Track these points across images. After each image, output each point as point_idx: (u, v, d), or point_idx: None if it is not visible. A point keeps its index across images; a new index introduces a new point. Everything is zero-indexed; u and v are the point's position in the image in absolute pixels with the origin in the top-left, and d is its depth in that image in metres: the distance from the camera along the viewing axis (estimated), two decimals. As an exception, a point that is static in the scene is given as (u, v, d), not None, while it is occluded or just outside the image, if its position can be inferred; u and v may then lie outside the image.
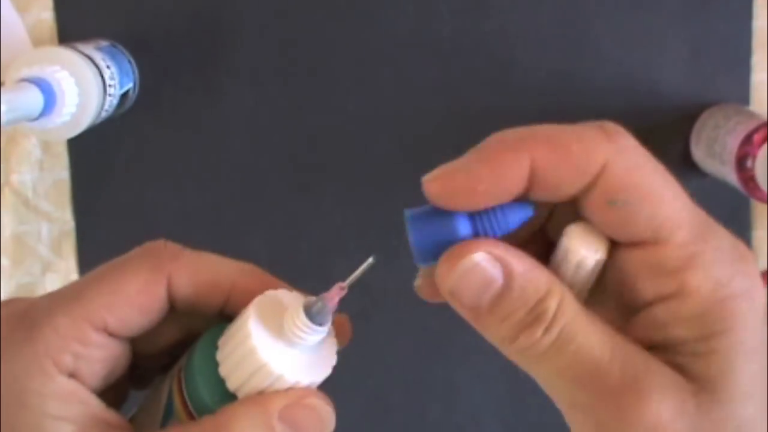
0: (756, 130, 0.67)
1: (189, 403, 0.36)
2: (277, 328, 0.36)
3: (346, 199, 0.78)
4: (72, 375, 0.35)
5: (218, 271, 0.38)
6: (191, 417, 0.36)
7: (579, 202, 0.34)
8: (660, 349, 0.32)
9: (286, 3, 0.76)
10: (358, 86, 0.77)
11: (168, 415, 0.37)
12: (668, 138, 0.77)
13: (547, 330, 0.32)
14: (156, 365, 0.41)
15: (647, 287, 0.33)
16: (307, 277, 0.40)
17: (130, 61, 0.74)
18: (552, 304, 0.32)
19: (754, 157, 0.66)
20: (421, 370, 0.79)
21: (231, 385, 0.35)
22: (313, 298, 0.36)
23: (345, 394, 0.37)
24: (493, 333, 0.33)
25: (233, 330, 0.36)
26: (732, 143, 0.68)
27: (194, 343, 0.38)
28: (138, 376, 0.40)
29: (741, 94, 0.77)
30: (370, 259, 0.36)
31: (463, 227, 0.33)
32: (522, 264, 0.33)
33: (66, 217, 0.79)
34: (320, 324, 0.36)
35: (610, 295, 0.35)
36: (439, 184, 0.34)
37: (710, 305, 0.32)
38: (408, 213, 0.34)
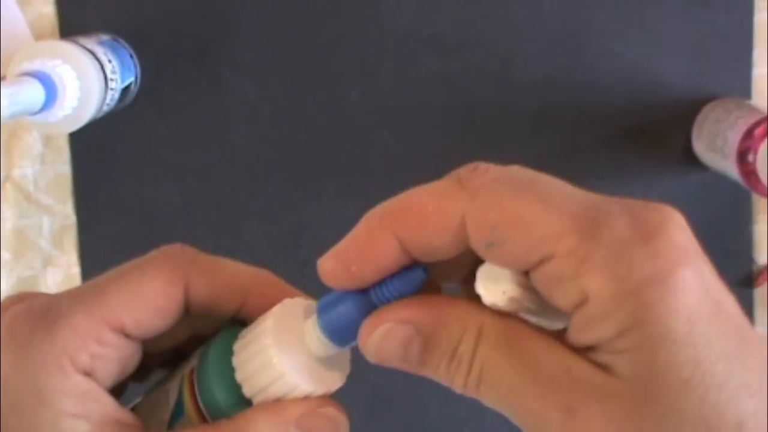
0: (757, 124, 0.67)
1: (202, 405, 0.37)
2: (296, 337, 0.36)
3: (348, 193, 0.78)
4: (88, 374, 0.36)
5: (235, 276, 0.39)
6: (203, 419, 0.37)
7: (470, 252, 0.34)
8: (590, 351, 0.31)
9: (287, -3, 0.76)
10: (360, 80, 0.77)
11: (177, 415, 0.38)
12: (669, 132, 0.77)
13: (469, 370, 0.32)
14: (158, 361, 0.41)
15: (559, 299, 0.32)
16: (308, 272, 0.40)
17: (131, 55, 0.74)
18: (469, 345, 0.32)
19: (756, 152, 0.66)
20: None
21: (247, 391, 0.36)
22: None
23: (345, 387, 0.38)
24: (436, 379, 0.34)
25: (251, 337, 0.36)
26: (733, 137, 0.68)
27: (207, 344, 0.38)
28: (138, 370, 0.40)
29: (742, 88, 0.77)
30: None
31: (359, 305, 0.34)
32: (430, 314, 0.33)
33: (67, 211, 0.79)
34: None
35: (549, 309, 0.34)
36: (326, 267, 0.35)
37: (617, 303, 0.30)
38: (317, 305, 0.36)
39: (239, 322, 0.39)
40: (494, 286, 0.33)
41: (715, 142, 0.71)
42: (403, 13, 0.77)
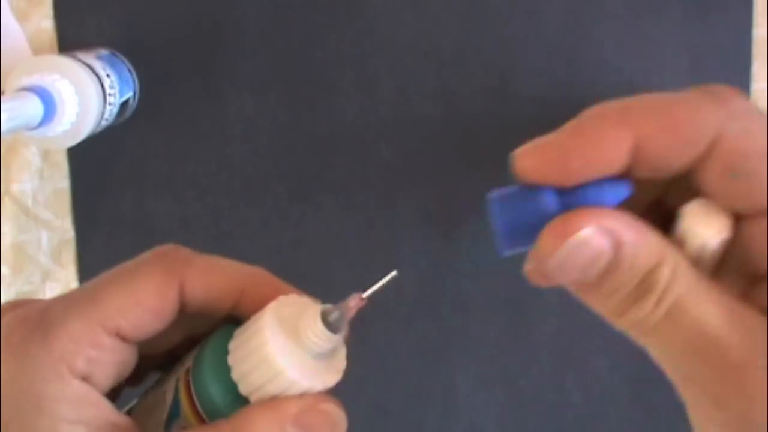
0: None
1: (198, 405, 0.37)
2: (292, 333, 0.36)
3: (346, 207, 0.78)
4: (85, 378, 0.36)
5: (229, 275, 0.38)
6: (200, 419, 0.37)
7: (693, 176, 0.31)
8: None
9: (286, 10, 0.76)
10: (358, 94, 0.77)
11: (174, 416, 0.38)
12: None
13: (659, 301, 0.30)
14: (152, 364, 0.41)
15: None
16: (306, 285, 0.40)
17: (130, 70, 0.75)
18: (664, 274, 0.30)
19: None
20: (421, 376, 0.79)
21: (244, 389, 0.36)
22: (330, 306, 0.36)
23: (344, 399, 0.38)
24: (601, 307, 0.31)
25: (247, 335, 0.36)
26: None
27: (201, 345, 0.38)
28: (132, 374, 0.40)
29: (741, 102, 0.77)
30: (394, 273, 0.36)
31: (552, 204, 0.31)
32: (632, 232, 0.30)
33: (66, 226, 0.79)
34: (336, 332, 0.36)
35: (733, 265, 0.32)
36: (530, 159, 0.32)
37: None
38: (492, 195, 0.32)
39: (234, 321, 0.38)
40: (713, 222, 0.31)
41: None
42: (401, 28, 0.77)
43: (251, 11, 0.76)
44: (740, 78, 0.77)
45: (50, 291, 0.79)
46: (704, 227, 0.31)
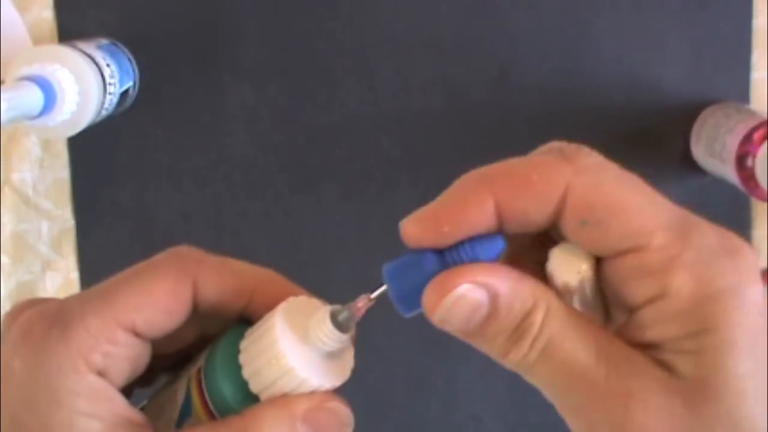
0: (756, 128, 0.67)
1: (210, 402, 0.37)
2: (302, 333, 0.37)
3: (347, 198, 0.78)
4: (100, 373, 0.36)
5: (242, 276, 0.39)
6: (211, 416, 0.37)
7: (557, 225, 0.34)
8: (651, 348, 0.33)
9: (286, 1, 0.76)
10: (359, 85, 0.77)
11: (185, 414, 0.38)
12: (668, 136, 0.77)
13: (533, 343, 0.33)
14: (163, 365, 0.42)
15: (634, 291, 0.33)
16: (306, 276, 0.40)
17: (130, 60, 0.74)
18: (537, 318, 0.33)
19: (754, 156, 0.66)
20: (422, 368, 0.79)
21: (254, 387, 0.37)
22: (339, 307, 0.37)
23: (345, 391, 0.38)
24: (487, 350, 0.34)
25: (258, 334, 0.37)
26: (732, 142, 0.68)
27: (213, 344, 0.39)
28: (144, 374, 0.40)
29: (741, 92, 0.77)
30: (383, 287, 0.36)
31: (433, 265, 0.34)
32: (506, 283, 0.33)
33: (66, 216, 0.79)
34: (344, 332, 0.37)
35: (610, 299, 0.35)
36: (411, 227, 0.35)
37: (694, 304, 0.32)
38: (384, 267, 0.36)
39: (245, 321, 0.39)
40: (571, 265, 0.34)
41: (714, 147, 0.71)
42: (401, 18, 0.77)
43: (252, 2, 0.76)
44: (740, 68, 0.77)
45: (50, 281, 0.79)
46: (565, 270, 0.34)
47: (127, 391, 0.40)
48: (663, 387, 0.32)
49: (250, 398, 0.37)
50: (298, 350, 0.36)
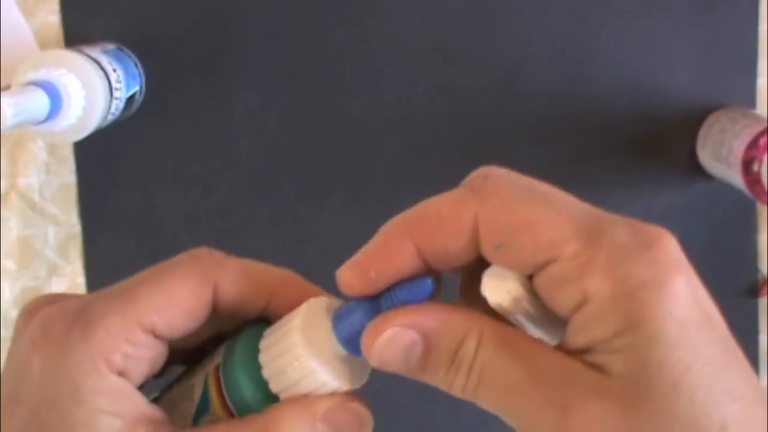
0: (762, 133, 0.67)
1: (229, 401, 0.38)
2: (322, 335, 0.37)
3: (353, 202, 0.78)
4: (121, 373, 0.37)
5: (261, 277, 0.40)
6: (230, 414, 0.38)
7: (478, 266, 0.35)
8: (586, 353, 0.33)
9: (292, 6, 0.76)
10: (365, 90, 0.77)
11: (203, 411, 0.39)
12: (674, 141, 0.77)
13: (470, 370, 0.34)
14: (178, 357, 0.42)
15: (560, 302, 0.33)
16: (313, 281, 0.40)
17: (136, 64, 0.75)
18: (470, 347, 0.34)
19: (761, 161, 0.66)
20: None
21: (275, 387, 0.37)
22: None
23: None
24: (435, 384, 0.35)
25: (279, 335, 0.37)
26: (738, 147, 0.68)
27: (231, 342, 0.39)
28: None
29: (747, 97, 0.77)
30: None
31: (365, 310, 0.36)
32: (433, 320, 0.35)
33: (72, 221, 0.79)
34: None
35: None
36: (344, 275, 0.36)
37: (614, 303, 0.32)
38: (333, 316, 0.37)
39: (261, 320, 0.40)
40: (499, 287, 0.35)
41: (720, 152, 0.71)
42: (408, 24, 0.77)
43: (258, 7, 0.76)
44: (745, 73, 0.77)
45: (56, 286, 0.79)
46: (495, 292, 0.35)
47: (142, 383, 0.40)
48: (598, 391, 0.32)
49: (269, 398, 0.37)
50: (319, 352, 0.37)
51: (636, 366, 0.31)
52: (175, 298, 0.37)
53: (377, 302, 0.36)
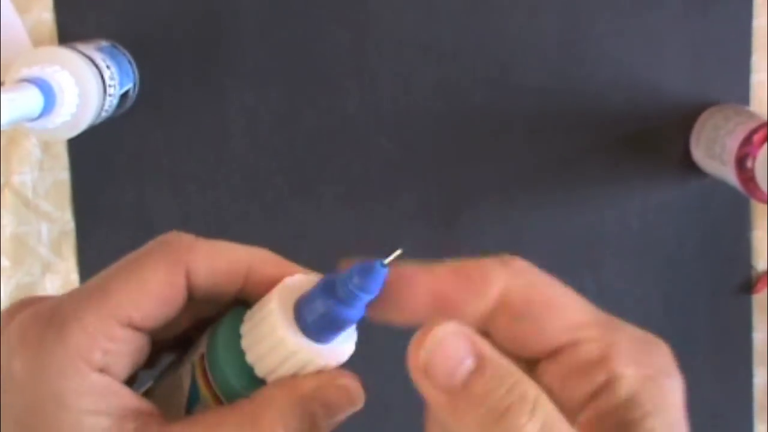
0: (756, 130, 0.67)
1: (217, 389, 0.38)
2: None
3: (347, 201, 0.78)
4: (102, 370, 0.36)
5: (234, 258, 0.40)
6: (220, 402, 0.38)
7: (488, 327, 0.35)
8: None
9: (286, 4, 0.76)
10: (359, 88, 0.77)
11: (194, 400, 0.38)
12: (668, 138, 0.77)
13: (532, 414, 0.31)
14: (165, 347, 0.42)
15: (578, 387, 0.34)
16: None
17: (130, 62, 0.74)
18: (531, 390, 0.31)
19: (754, 158, 0.66)
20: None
21: (260, 371, 0.37)
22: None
23: None
24: (472, 414, 0.32)
25: (257, 318, 0.37)
26: (732, 144, 0.68)
27: (213, 329, 0.39)
28: (146, 358, 0.41)
29: (741, 94, 0.77)
30: (399, 251, 0.36)
31: (322, 299, 0.36)
32: (490, 348, 0.33)
33: (66, 218, 0.79)
34: None
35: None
36: None
37: (640, 385, 0.33)
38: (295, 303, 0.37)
39: (242, 302, 0.39)
40: None
41: (714, 149, 0.71)
42: (401, 21, 0.77)
43: (252, 4, 0.76)
44: (739, 70, 0.77)
45: (50, 283, 0.79)
46: None
47: (132, 376, 0.40)
48: None
49: (256, 382, 0.37)
50: (299, 332, 0.36)
51: None
52: (148, 288, 0.37)
53: (334, 288, 0.36)
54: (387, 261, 0.36)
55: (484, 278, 0.35)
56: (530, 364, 0.35)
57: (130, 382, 0.39)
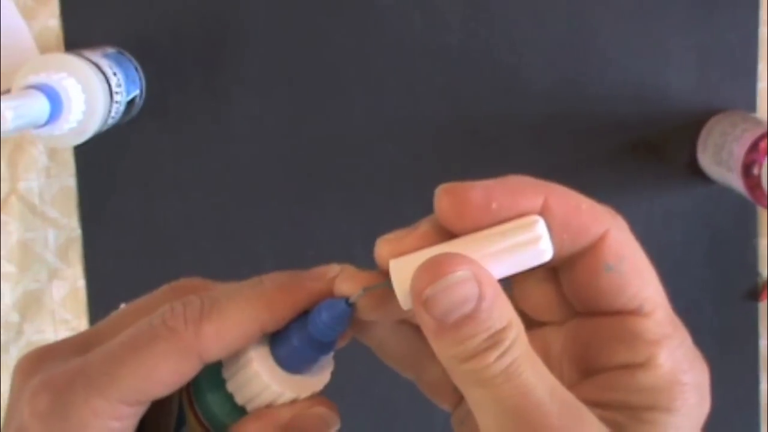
0: (762, 137, 0.67)
1: (202, 417, 0.39)
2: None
3: (352, 207, 0.78)
4: None
5: (246, 320, 0.38)
6: (205, 428, 0.39)
7: (566, 269, 0.36)
8: (603, 407, 0.34)
9: (292, 11, 0.76)
10: (365, 94, 0.77)
11: (180, 424, 0.40)
12: (675, 145, 0.77)
13: (500, 357, 0.32)
14: None
15: (617, 354, 0.35)
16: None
17: (136, 68, 0.75)
18: (510, 335, 0.33)
19: (761, 165, 0.66)
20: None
21: (239, 400, 0.38)
22: None
23: (352, 400, 0.39)
24: (447, 350, 0.33)
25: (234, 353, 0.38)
26: (738, 150, 0.68)
27: None
28: None
29: (747, 101, 0.77)
30: (361, 291, 0.37)
31: (298, 334, 0.37)
32: (492, 290, 0.33)
33: (72, 224, 0.79)
34: None
35: (570, 357, 0.37)
36: (453, 196, 0.35)
37: (668, 382, 0.34)
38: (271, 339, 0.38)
39: None
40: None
41: (721, 155, 0.71)
42: (408, 27, 0.77)
43: (258, 10, 0.76)
44: (746, 76, 0.77)
45: (57, 290, 0.79)
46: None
47: None
48: None
49: (238, 410, 0.38)
50: (273, 365, 0.38)
51: None
52: (157, 377, 0.37)
53: (306, 323, 0.37)
54: (352, 300, 0.37)
55: (592, 215, 0.35)
56: (569, 316, 0.37)
57: None
